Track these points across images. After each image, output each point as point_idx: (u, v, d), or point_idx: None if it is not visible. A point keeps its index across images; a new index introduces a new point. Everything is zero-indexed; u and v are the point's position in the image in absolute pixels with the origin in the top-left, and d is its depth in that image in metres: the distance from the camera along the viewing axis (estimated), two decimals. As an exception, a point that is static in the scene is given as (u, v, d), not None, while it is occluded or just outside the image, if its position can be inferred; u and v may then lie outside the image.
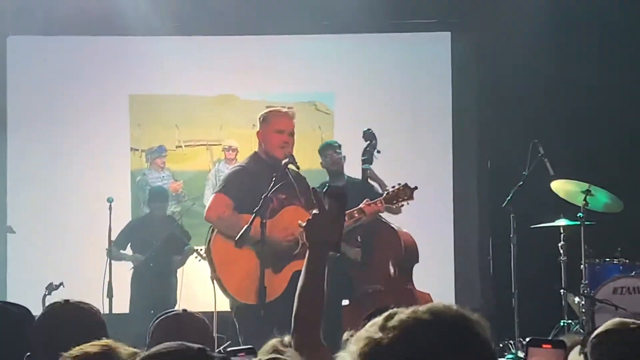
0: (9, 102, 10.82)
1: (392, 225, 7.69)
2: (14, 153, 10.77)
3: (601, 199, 8.81)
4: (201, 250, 9.53)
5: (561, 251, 8.92)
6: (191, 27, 10.85)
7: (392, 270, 7.66)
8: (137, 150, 10.99)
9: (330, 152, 8.58)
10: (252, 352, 2.83)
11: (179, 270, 9.85)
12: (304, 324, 2.98)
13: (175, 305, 9.45)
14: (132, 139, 10.96)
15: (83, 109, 10.84)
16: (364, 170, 7.69)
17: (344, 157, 8.51)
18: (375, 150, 7.73)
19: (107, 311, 9.09)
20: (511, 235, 8.97)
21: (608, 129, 10.42)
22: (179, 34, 10.83)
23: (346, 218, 6.42)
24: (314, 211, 3.05)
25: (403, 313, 1.79)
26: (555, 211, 9.04)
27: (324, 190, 3.12)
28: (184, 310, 3.83)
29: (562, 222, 8.92)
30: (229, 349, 3.11)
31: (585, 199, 8.67)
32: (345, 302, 7.40)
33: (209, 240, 6.57)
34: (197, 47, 10.98)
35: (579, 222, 8.72)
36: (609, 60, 10.40)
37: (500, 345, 8.94)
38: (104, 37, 10.91)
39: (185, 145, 11.02)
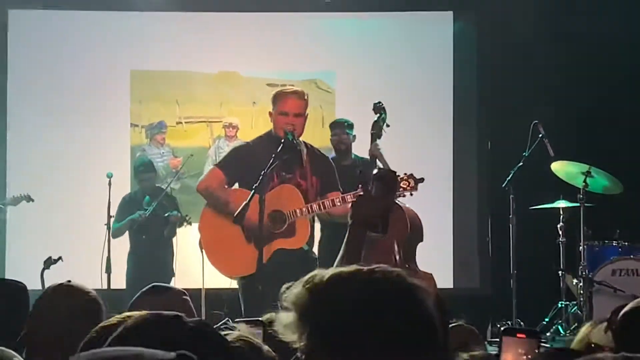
0: (10, 76, 10.79)
1: (400, 204, 7.69)
2: (14, 126, 10.75)
3: (601, 181, 8.82)
4: (188, 217, 9.55)
5: (560, 232, 8.94)
6: (193, 3, 10.85)
7: (396, 249, 7.67)
8: (137, 126, 10.96)
9: (338, 130, 8.60)
10: (260, 323, 2.82)
11: (174, 243, 9.79)
12: None
13: (171, 279, 9.46)
14: (132, 114, 10.94)
15: (84, 84, 10.82)
16: (371, 148, 7.67)
17: (354, 136, 8.50)
18: (385, 124, 7.71)
19: (105, 286, 9.12)
20: (510, 216, 8.97)
21: (609, 110, 10.40)
22: (180, 9, 10.81)
23: (339, 203, 6.48)
24: (359, 192, 3.07)
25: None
26: (555, 192, 9.05)
27: (374, 173, 3.12)
28: (165, 286, 3.84)
29: (561, 203, 8.94)
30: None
31: (585, 181, 8.68)
32: None
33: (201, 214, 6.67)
34: (198, 23, 10.95)
35: (578, 204, 8.73)
36: (610, 39, 10.36)
37: (498, 325, 8.94)
38: (106, 12, 10.88)
39: (185, 122, 11.00)
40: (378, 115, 7.66)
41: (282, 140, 6.40)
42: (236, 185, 6.66)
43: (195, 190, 6.89)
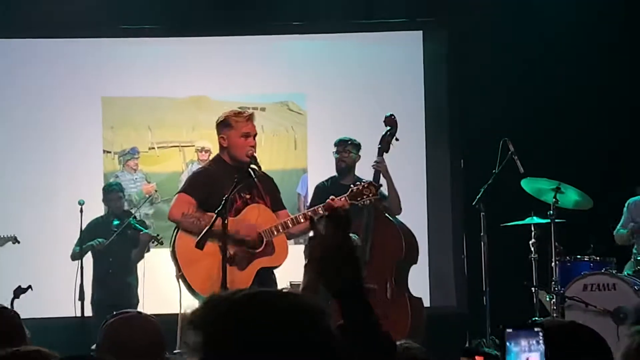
0: (-21, 105, 10.79)
1: (396, 225, 7.68)
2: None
3: (571, 196, 8.84)
4: (159, 236, 9.53)
5: (532, 249, 8.94)
6: (162, 29, 10.86)
7: (389, 270, 7.64)
8: (110, 152, 10.94)
9: (339, 147, 8.54)
10: None
11: (140, 268, 9.75)
12: None
13: (137, 304, 9.43)
14: (104, 141, 10.92)
15: (55, 112, 10.81)
16: (375, 162, 7.67)
17: (359, 156, 8.46)
18: (394, 138, 7.69)
19: (79, 314, 9.09)
20: (482, 234, 8.98)
21: (577, 126, 10.44)
22: (150, 35, 10.84)
23: (310, 214, 6.52)
24: (310, 234, 3.04)
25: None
26: (526, 209, 9.06)
27: (324, 215, 3.10)
28: (138, 312, 3.84)
29: (532, 220, 8.95)
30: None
31: (555, 197, 8.70)
32: None
33: (174, 240, 6.60)
34: (168, 49, 10.98)
35: (549, 220, 8.75)
36: (579, 57, 10.44)
37: (472, 343, 8.93)
38: (76, 40, 10.89)
39: (158, 147, 10.99)
40: (388, 128, 7.65)
41: (250, 166, 6.48)
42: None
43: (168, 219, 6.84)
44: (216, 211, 6.18)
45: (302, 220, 6.55)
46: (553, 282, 8.67)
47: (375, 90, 10.94)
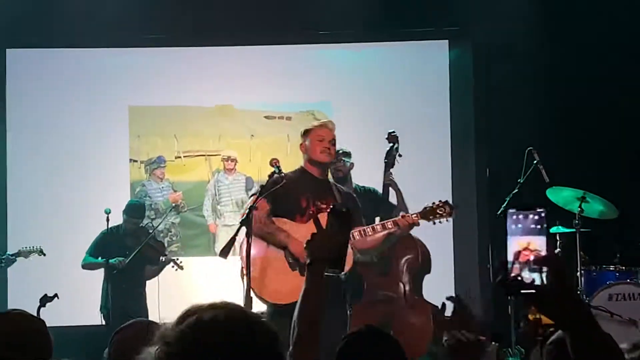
0: (9, 115, 10.87)
1: (413, 237, 7.78)
2: (14, 165, 10.82)
3: (596, 206, 8.81)
4: (179, 260, 9.59)
5: (557, 258, 8.90)
6: (188, 38, 10.90)
7: (406, 279, 7.77)
8: (137, 161, 11.01)
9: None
10: None
11: (155, 281, 9.72)
12: (303, 341, 2.97)
13: (147, 315, 9.45)
14: (131, 150, 10.99)
15: (83, 121, 10.88)
16: (385, 176, 7.79)
17: (352, 164, 8.54)
18: (398, 153, 7.83)
19: (104, 322, 9.16)
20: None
21: (604, 136, 10.41)
22: (175, 45, 10.89)
23: (379, 228, 6.59)
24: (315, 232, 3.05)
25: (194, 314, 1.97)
26: (551, 218, 9.02)
27: (329, 210, 3.12)
28: (150, 321, 3.85)
29: (558, 229, 8.92)
30: None
31: (580, 206, 8.68)
32: None
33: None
34: (194, 58, 11.03)
35: (574, 229, 8.73)
36: (605, 65, 10.40)
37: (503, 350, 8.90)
38: (103, 50, 10.96)
39: (184, 156, 11.04)
40: (391, 144, 7.77)
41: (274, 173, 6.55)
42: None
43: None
44: (239, 220, 6.25)
45: (370, 233, 6.72)
46: (579, 292, 8.63)
47: (401, 99, 10.95)
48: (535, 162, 8.90)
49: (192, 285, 10.05)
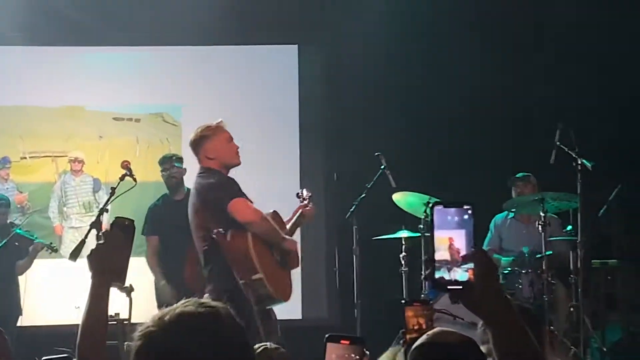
0: None
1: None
2: None
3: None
4: (52, 244, 9.41)
5: (402, 262, 9.08)
6: (35, 36, 10.69)
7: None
8: (-19, 161, 10.76)
9: (166, 165, 8.72)
10: None
11: (21, 279, 9.54)
12: (87, 354, 2.93)
13: (18, 318, 9.28)
14: (-26, 150, 10.73)
15: None
16: None
17: (185, 169, 8.55)
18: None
19: None
20: (353, 247, 9.10)
21: (449, 141, 10.67)
22: (22, 43, 10.67)
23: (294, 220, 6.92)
24: (100, 242, 3.03)
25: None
26: (398, 223, 9.20)
27: (112, 221, 3.09)
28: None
29: (403, 233, 9.09)
30: None
31: (425, 211, 8.85)
32: None
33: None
34: (40, 58, 10.83)
35: (419, 234, 8.91)
36: (451, 72, 10.64)
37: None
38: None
39: (29, 157, 10.83)
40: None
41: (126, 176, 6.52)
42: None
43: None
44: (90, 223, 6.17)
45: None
46: (423, 295, 8.79)
47: (250, 103, 10.99)
48: (382, 167, 9.06)
49: (42, 287, 9.89)
